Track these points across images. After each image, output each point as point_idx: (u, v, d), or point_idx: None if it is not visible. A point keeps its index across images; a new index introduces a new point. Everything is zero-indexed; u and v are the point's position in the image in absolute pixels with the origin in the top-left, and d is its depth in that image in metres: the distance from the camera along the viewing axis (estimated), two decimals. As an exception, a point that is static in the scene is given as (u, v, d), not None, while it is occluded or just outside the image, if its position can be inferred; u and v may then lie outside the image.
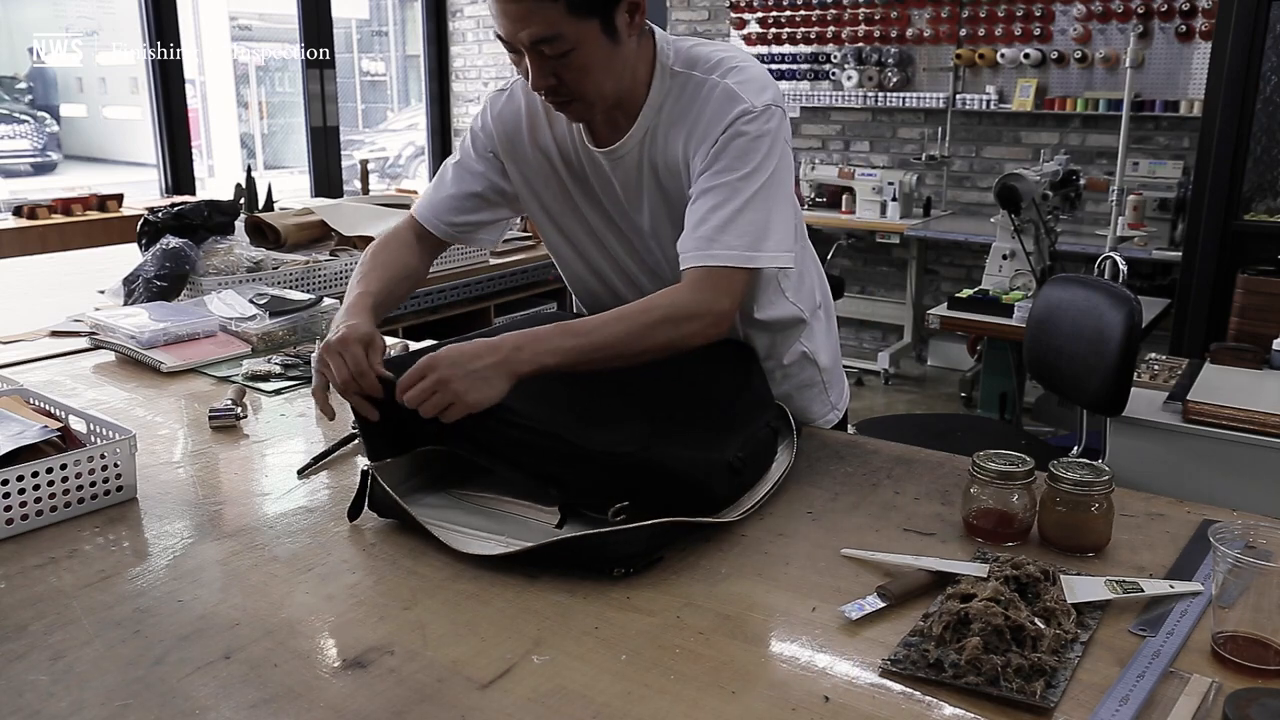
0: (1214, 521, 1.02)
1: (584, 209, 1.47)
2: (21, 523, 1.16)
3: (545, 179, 1.48)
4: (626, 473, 1.12)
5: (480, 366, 1.15)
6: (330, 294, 2.39)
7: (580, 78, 1.26)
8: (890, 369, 5.07)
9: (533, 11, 1.20)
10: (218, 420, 1.52)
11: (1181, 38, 4.50)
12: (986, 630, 0.88)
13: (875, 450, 1.42)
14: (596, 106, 1.31)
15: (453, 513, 1.19)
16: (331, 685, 0.87)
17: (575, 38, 1.22)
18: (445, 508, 1.20)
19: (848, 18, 5.33)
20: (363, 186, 4.40)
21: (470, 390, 1.14)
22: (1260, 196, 3.63)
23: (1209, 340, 3.19)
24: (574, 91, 1.28)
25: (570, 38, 1.22)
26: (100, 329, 1.92)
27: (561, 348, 1.20)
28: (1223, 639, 0.90)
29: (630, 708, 0.84)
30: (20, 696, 0.86)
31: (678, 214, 1.38)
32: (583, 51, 1.24)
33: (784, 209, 1.32)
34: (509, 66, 5.81)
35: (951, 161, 5.19)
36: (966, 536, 1.15)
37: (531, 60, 1.25)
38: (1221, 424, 2.25)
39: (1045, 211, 3.76)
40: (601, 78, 1.28)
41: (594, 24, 1.23)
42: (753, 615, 0.99)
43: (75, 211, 4.06)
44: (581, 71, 1.26)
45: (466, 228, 1.55)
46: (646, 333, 1.24)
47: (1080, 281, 2.54)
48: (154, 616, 0.98)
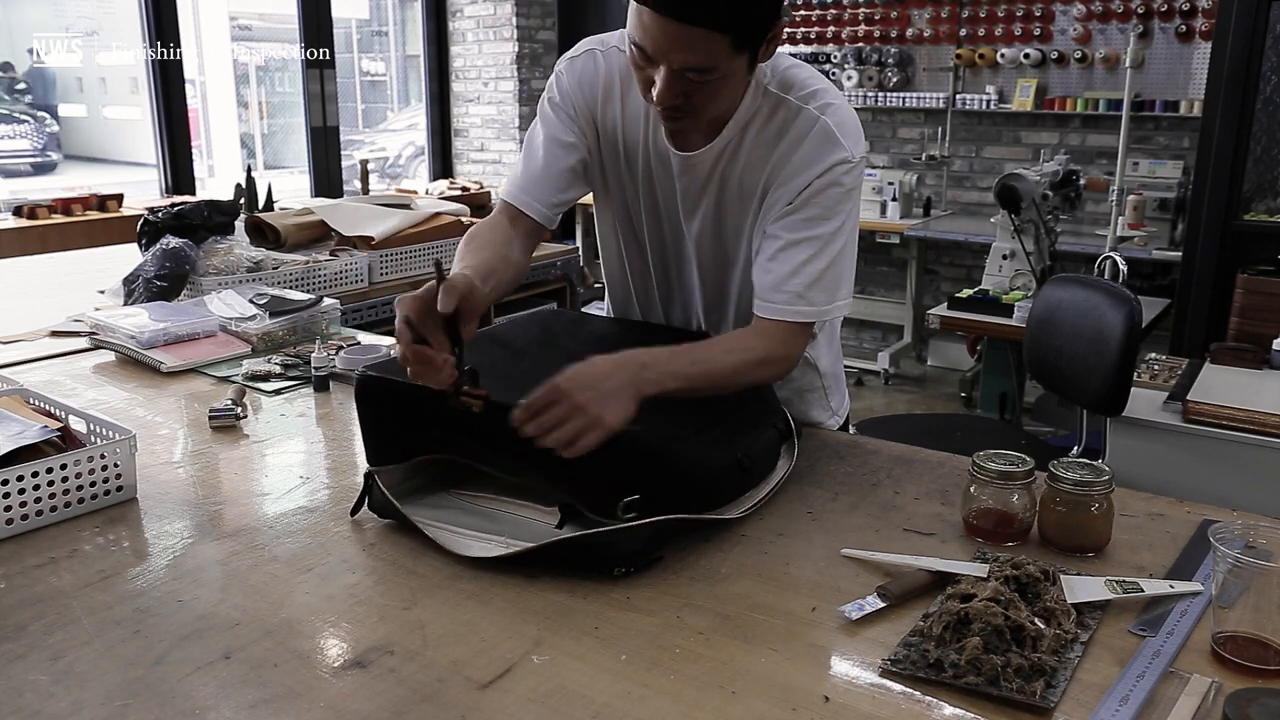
0: (1214, 521, 1.02)
1: (631, 196, 1.45)
2: (21, 523, 1.16)
3: (609, 154, 1.44)
4: (641, 460, 1.11)
5: (612, 386, 1.10)
6: (330, 294, 2.39)
7: (709, 101, 1.24)
8: (890, 369, 5.07)
9: (698, 40, 1.14)
10: (218, 420, 1.52)
11: (1181, 38, 4.50)
12: (986, 630, 0.88)
13: (875, 450, 1.42)
14: (703, 122, 1.30)
15: (452, 514, 1.19)
16: (331, 685, 0.87)
17: (726, 68, 1.19)
18: (445, 509, 1.20)
19: (848, 18, 5.33)
20: (363, 186, 4.40)
21: (607, 411, 1.08)
22: (1260, 196, 3.62)
23: (1209, 340, 3.19)
24: (698, 111, 1.25)
25: (723, 69, 1.19)
26: (100, 329, 1.92)
27: (684, 373, 1.19)
28: (1223, 639, 0.90)
29: (630, 708, 0.84)
30: (20, 696, 0.86)
31: (727, 228, 1.39)
32: (725, 81, 1.22)
33: (853, 257, 1.36)
34: (509, 66, 5.76)
35: (951, 161, 5.19)
36: (966, 536, 1.15)
37: (667, 79, 1.19)
38: (1221, 424, 2.24)
39: (1045, 211, 3.76)
40: (725, 101, 1.27)
41: (745, 56, 1.21)
42: (753, 615, 0.99)
43: (75, 211, 4.06)
44: (713, 96, 1.24)
45: (564, 207, 1.44)
46: (746, 371, 1.27)
47: (1080, 281, 2.54)
48: (154, 616, 0.98)
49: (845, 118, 1.32)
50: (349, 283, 2.67)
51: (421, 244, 2.91)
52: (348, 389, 1.70)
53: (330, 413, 1.62)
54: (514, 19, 5.89)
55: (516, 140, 6.06)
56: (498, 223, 1.41)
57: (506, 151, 6.14)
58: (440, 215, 3.08)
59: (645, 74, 1.23)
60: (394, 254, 2.83)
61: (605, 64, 1.41)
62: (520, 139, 6.03)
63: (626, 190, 1.46)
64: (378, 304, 2.72)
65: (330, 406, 1.64)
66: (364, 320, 2.64)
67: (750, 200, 1.37)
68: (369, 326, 2.56)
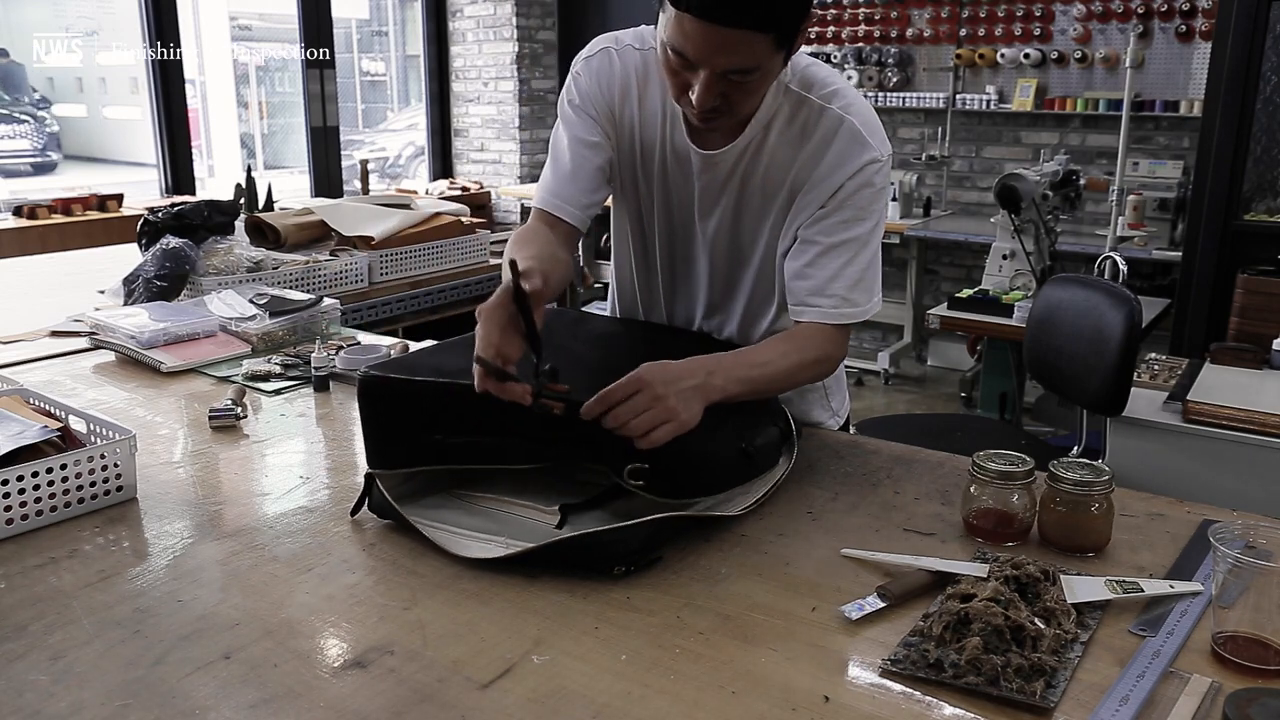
0: (1214, 521, 1.02)
1: (645, 195, 1.45)
2: (21, 523, 1.16)
3: (625, 153, 1.44)
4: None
5: (687, 387, 1.13)
6: (330, 294, 2.39)
7: (746, 99, 1.24)
8: (890, 369, 5.07)
9: (741, 43, 1.14)
10: (218, 420, 1.52)
11: (1181, 38, 4.50)
12: (986, 630, 0.88)
13: (875, 450, 1.42)
14: (734, 121, 1.30)
15: (452, 514, 1.19)
16: (331, 685, 0.87)
17: (768, 67, 1.19)
18: (444, 509, 1.20)
19: (848, 18, 5.33)
20: (363, 186, 4.40)
21: (683, 409, 1.10)
22: (1260, 196, 3.62)
23: (1209, 340, 3.19)
24: (734, 110, 1.25)
25: (764, 67, 1.19)
26: (100, 329, 1.92)
27: (746, 378, 1.22)
28: (1223, 639, 0.90)
29: (630, 708, 0.84)
30: (20, 696, 0.86)
31: (744, 227, 1.40)
32: (764, 78, 1.22)
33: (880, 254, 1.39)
34: (509, 66, 5.77)
35: (951, 161, 5.19)
36: (966, 536, 1.15)
37: (708, 82, 1.18)
38: (1221, 424, 2.25)
39: (1045, 211, 3.76)
40: (759, 97, 1.27)
41: (784, 53, 1.21)
42: (753, 615, 0.99)
43: (75, 211, 4.06)
44: (751, 94, 1.24)
45: (596, 208, 1.42)
46: (799, 373, 1.32)
47: (1080, 281, 2.54)
48: (154, 616, 0.98)
49: (869, 117, 1.33)
50: (349, 283, 2.67)
51: (421, 244, 2.92)
52: (348, 389, 1.70)
53: (330, 413, 1.62)
54: (514, 19, 5.89)
55: (517, 140, 6.05)
56: (537, 228, 1.38)
57: (506, 151, 6.13)
58: (440, 215, 3.08)
59: (682, 78, 1.21)
60: (394, 254, 2.83)
61: (621, 62, 1.40)
62: (521, 139, 6.05)
63: (640, 189, 1.46)
64: (378, 304, 2.73)
65: (330, 406, 1.64)
66: (364, 320, 2.64)
67: (773, 200, 1.37)
68: (369, 326, 2.57)
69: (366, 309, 2.68)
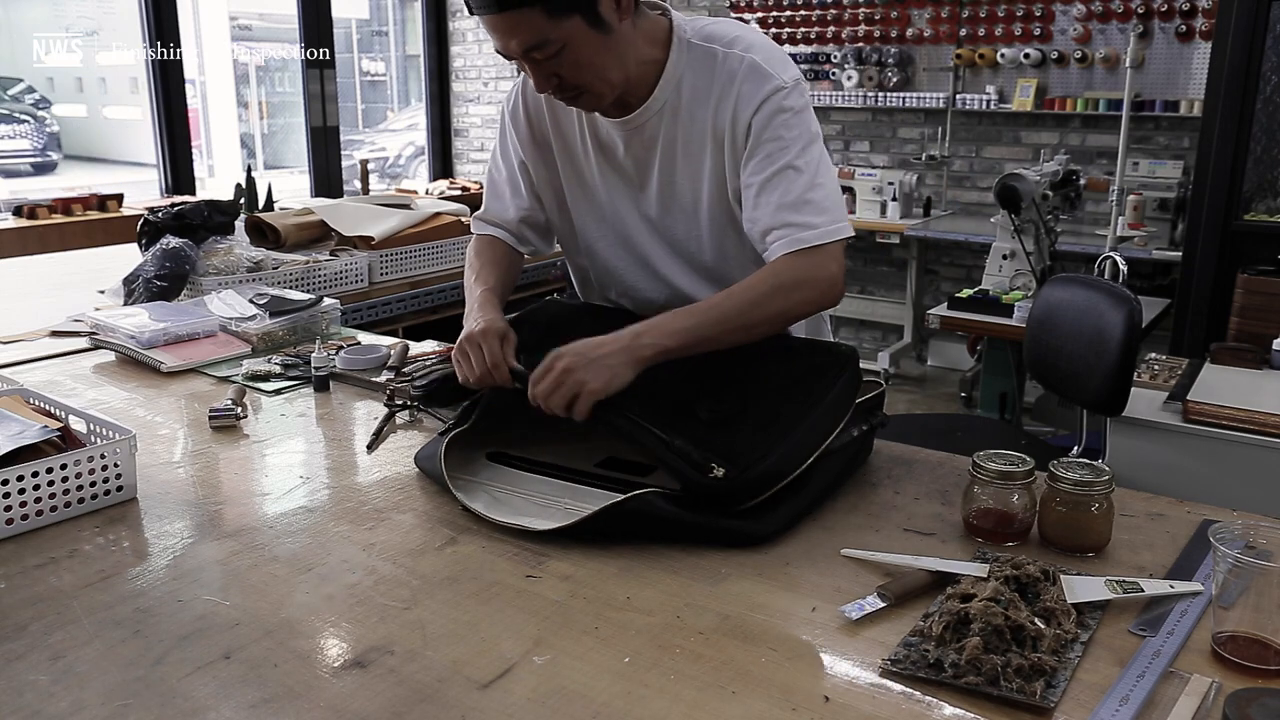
0: (1214, 521, 1.02)
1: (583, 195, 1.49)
2: (21, 523, 1.16)
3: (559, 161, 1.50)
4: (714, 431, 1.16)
5: (602, 354, 1.18)
6: (330, 294, 2.39)
7: (579, 73, 1.28)
8: (890, 369, 5.06)
9: (514, 22, 1.22)
10: (218, 420, 1.52)
11: (1181, 38, 4.50)
12: (986, 630, 0.88)
13: (875, 450, 1.42)
14: (606, 95, 1.33)
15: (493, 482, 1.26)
16: (331, 685, 0.87)
17: (562, 38, 1.24)
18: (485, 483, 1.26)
19: (848, 18, 5.33)
20: (363, 186, 4.40)
21: (593, 378, 1.16)
22: (1260, 196, 3.62)
23: (1209, 340, 3.18)
24: (579, 86, 1.30)
25: (557, 39, 1.23)
26: (100, 329, 1.92)
27: (681, 328, 1.23)
28: (1223, 639, 0.90)
29: (630, 708, 0.84)
30: (20, 696, 0.86)
31: (683, 192, 1.40)
32: (574, 49, 1.25)
33: (834, 178, 1.36)
34: (509, 66, 5.77)
35: (951, 161, 5.19)
36: (966, 536, 1.15)
37: (529, 66, 1.28)
38: (1221, 424, 2.25)
39: (1045, 211, 3.76)
40: (602, 67, 1.29)
41: (576, 20, 1.24)
42: (753, 615, 0.99)
43: (75, 211, 4.06)
44: (578, 67, 1.27)
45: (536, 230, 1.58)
46: (761, 302, 1.27)
47: (1080, 281, 2.54)
48: (154, 616, 0.98)
49: (771, 51, 1.35)
50: (349, 283, 2.67)
51: (421, 244, 2.92)
52: (348, 389, 1.71)
53: (330, 413, 1.62)
54: (514, 19, 5.88)
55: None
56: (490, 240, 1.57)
57: (506, 151, 6.13)
58: (440, 215, 3.08)
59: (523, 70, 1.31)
60: (394, 254, 2.83)
61: (528, 89, 1.49)
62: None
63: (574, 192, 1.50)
64: (378, 304, 2.73)
65: (330, 406, 1.64)
66: (364, 320, 2.64)
67: (700, 158, 1.38)
68: (369, 326, 2.57)
69: (366, 309, 2.68)
